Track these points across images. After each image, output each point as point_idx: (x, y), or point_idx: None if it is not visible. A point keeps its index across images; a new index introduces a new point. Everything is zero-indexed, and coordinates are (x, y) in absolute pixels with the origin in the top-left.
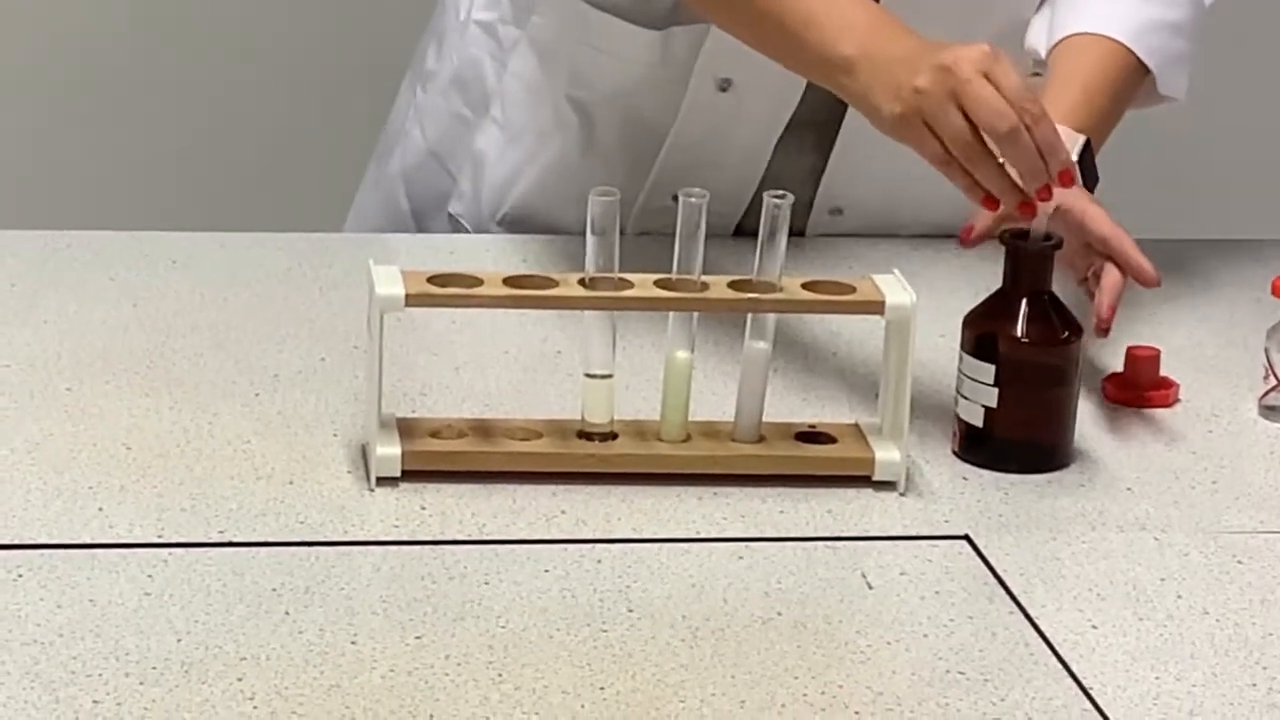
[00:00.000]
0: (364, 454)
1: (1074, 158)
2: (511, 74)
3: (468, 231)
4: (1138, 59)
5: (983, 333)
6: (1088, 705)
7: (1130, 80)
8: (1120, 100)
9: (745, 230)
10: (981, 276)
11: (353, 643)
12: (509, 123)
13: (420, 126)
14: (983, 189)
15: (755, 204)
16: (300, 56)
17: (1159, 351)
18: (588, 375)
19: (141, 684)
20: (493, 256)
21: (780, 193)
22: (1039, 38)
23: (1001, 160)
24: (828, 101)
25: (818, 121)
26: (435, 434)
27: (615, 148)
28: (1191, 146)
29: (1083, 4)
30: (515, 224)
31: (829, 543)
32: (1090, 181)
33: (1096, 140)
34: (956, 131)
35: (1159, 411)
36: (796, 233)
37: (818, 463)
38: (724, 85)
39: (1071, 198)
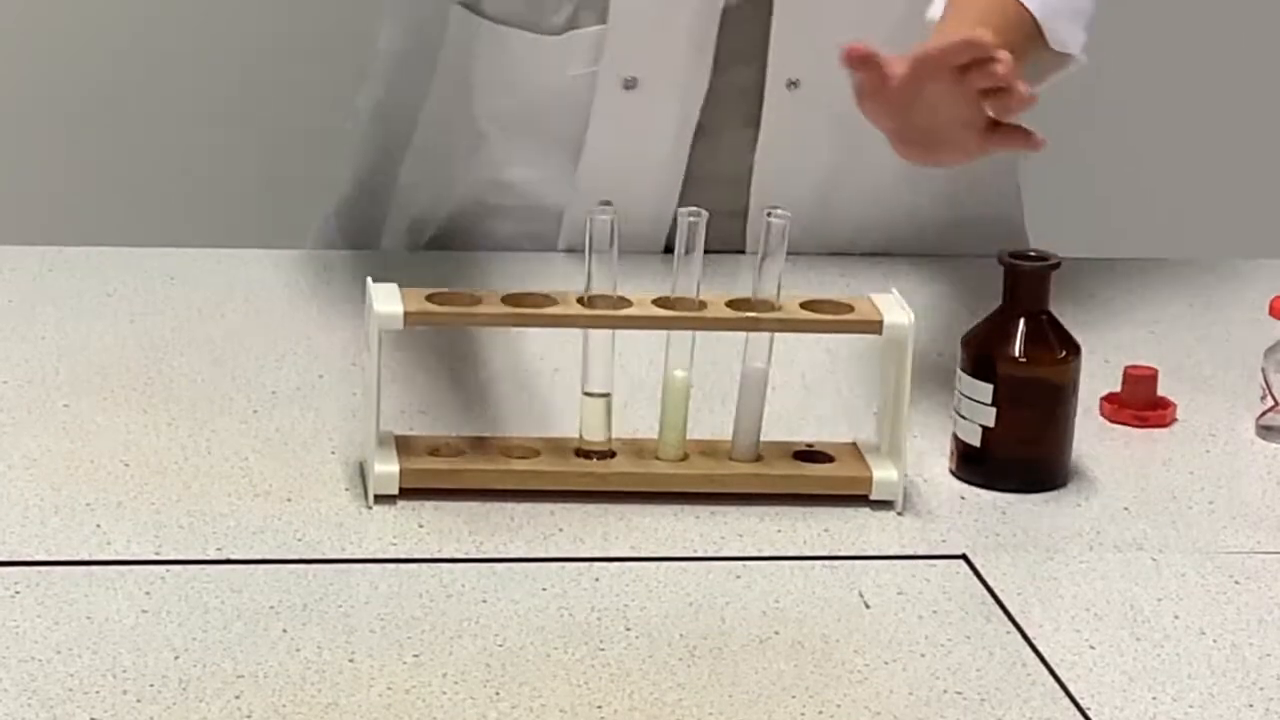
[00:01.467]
0: (362, 471)
1: None
2: (430, 100)
3: None
4: (1025, 10)
5: (980, 352)
6: None
7: (1020, 31)
8: (1010, 49)
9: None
10: (979, 296)
11: (350, 661)
12: (431, 149)
13: (350, 164)
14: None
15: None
16: (300, 71)
17: (1156, 371)
18: (586, 393)
19: (139, 701)
20: (491, 274)
21: (779, 210)
22: (936, 9)
23: None
24: (742, 100)
25: (734, 125)
26: (433, 452)
27: (536, 161)
28: (1190, 166)
29: None
30: (444, 245)
31: (826, 562)
32: None
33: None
34: None
35: (1156, 431)
36: (738, 247)
37: (815, 482)
38: (630, 84)
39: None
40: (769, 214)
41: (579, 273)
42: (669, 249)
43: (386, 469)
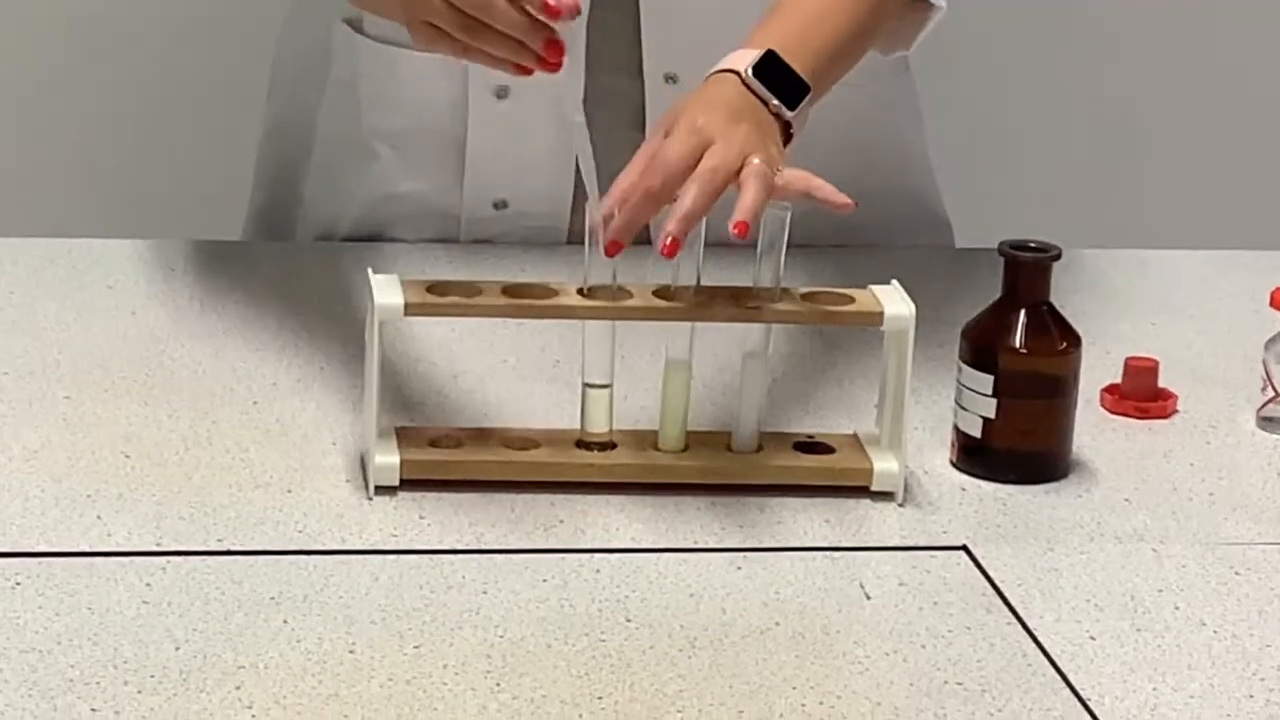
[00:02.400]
0: (362, 463)
1: (748, 70)
2: (322, 117)
3: None
4: None
5: (981, 343)
6: (1085, 716)
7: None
8: (864, 22)
9: (577, 237)
10: (980, 287)
11: (351, 652)
12: (327, 165)
13: (258, 176)
14: (504, 60)
15: (580, 208)
16: None
17: (1157, 362)
18: (586, 385)
19: (140, 692)
20: (492, 265)
21: (780, 204)
22: None
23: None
24: (624, 101)
25: (621, 125)
26: (434, 443)
27: (427, 174)
28: (1189, 158)
29: None
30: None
31: (827, 553)
32: (770, 77)
33: (799, 45)
34: (447, 19)
35: (1157, 423)
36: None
37: (816, 473)
38: (502, 93)
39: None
40: (772, 207)
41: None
42: (570, 242)
43: (387, 460)
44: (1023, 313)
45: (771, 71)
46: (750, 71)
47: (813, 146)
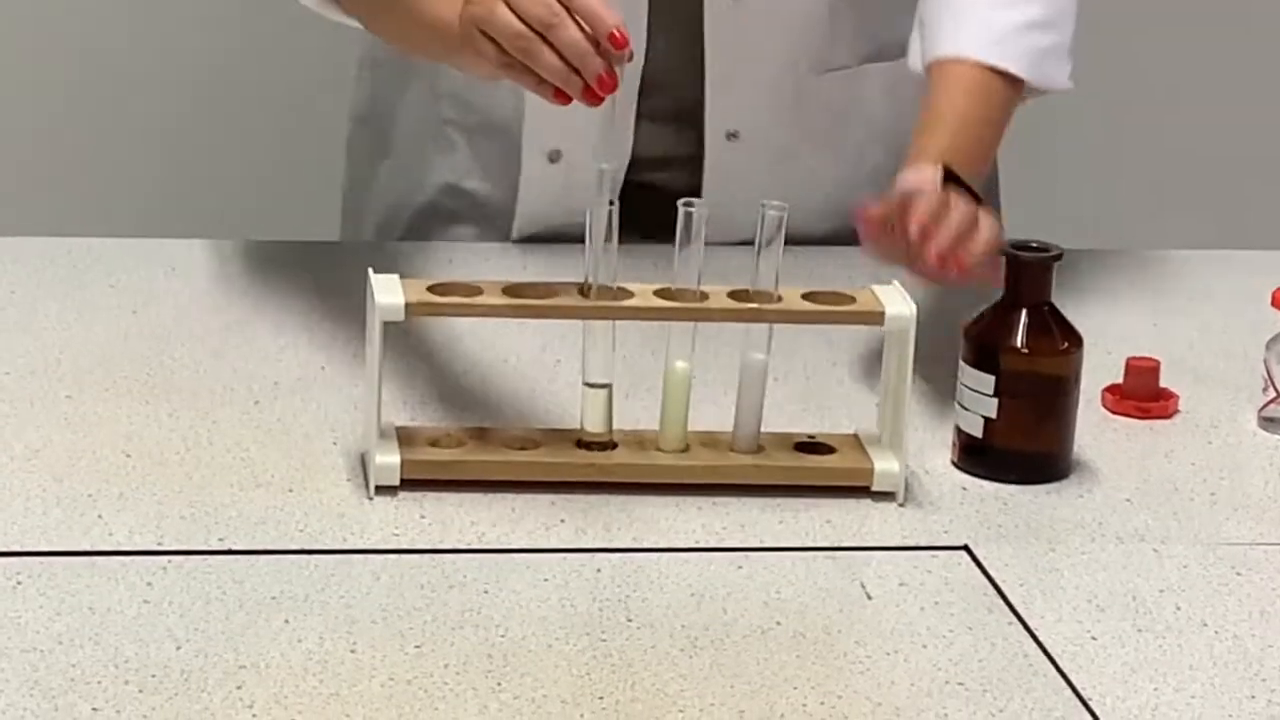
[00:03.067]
0: (363, 462)
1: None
2: (402, 106)
3: None
4: (1006, 73)
5: (983, 343)
6: (1086, 716)
7: (1001, 95)
8: (994, 120)
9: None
10: (981, 287)
11: (352, 651)
12: (405, 152)
13: (346, 163)
14: (549, 84)
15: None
16: (302, 63)
17: (1158, 362)
18: (587, 384)
19: (140, 691)
20: (493, 265)
21: (776, 204)
22: (915, 60)
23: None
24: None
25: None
26: (434, 443)
27: (492, 171)
28: (1191, 158)
29: (939, 22)
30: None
31: (828, 553)
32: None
33: (971, 164)
34: (505, 26)
35: (1158, 423)
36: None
37: (817, 473)
38: (554, 157)
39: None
40: (766, 206)
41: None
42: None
43: (388, 460)
44: (1024, 313)
45: (951, 183)
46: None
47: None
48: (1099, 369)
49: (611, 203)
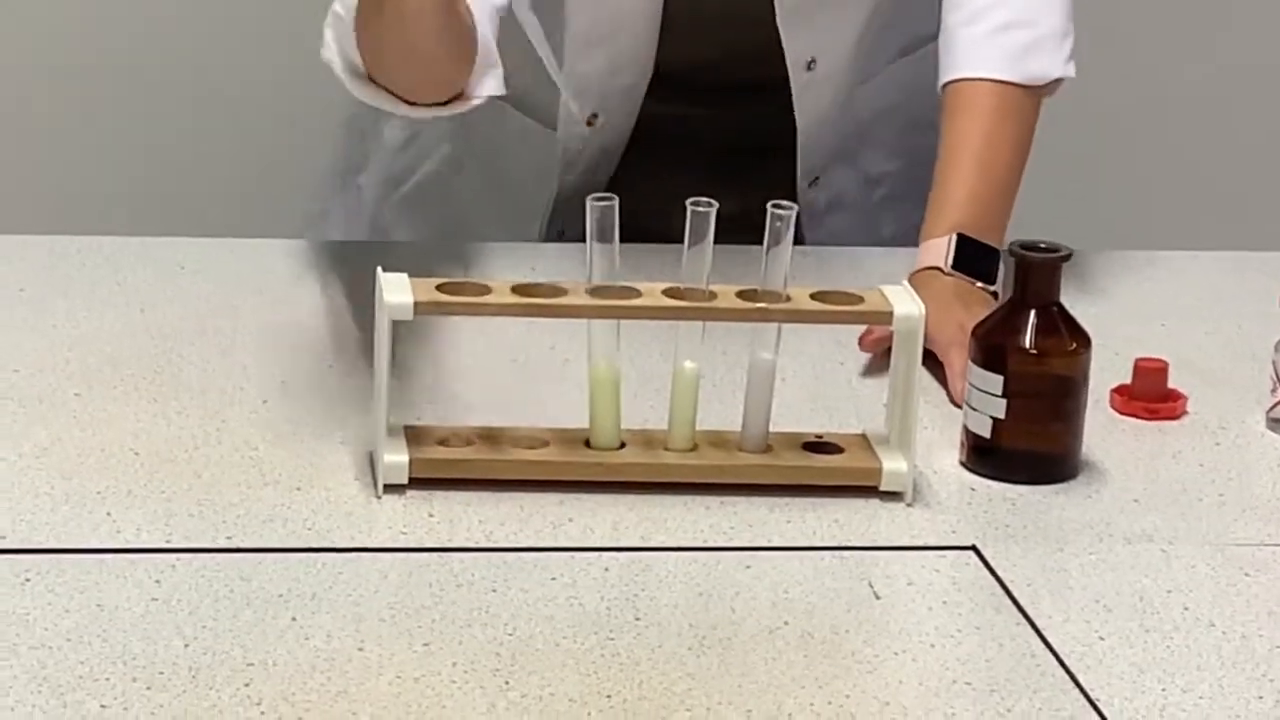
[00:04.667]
0: (371, 461)
1: (949, 263)
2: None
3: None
4: (1025, 87)
5: (991, 344)
6: (1094, 716)
7: (1023, 106)
8: (1020, 139)
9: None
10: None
11: (360, 649)
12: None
13: None
14: None
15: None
16: (313, 61)
17: (1167, 364)
18: (593, 373)
19: (148, 689)
20: (501, 264)
21: (785, 203)
22: (943, 74)
23: None
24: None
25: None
26: (443, 442)
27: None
28: (1201, 159)
29: (958, 42)
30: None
31: (836, 552)
32: (967, 263)
33: (994, 205)
34: None
35: (1167, 423)
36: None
37: (825, 473)
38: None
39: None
40: (774, 206)
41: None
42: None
43: (396, 459)
44: (1033, 313)
45: (966, 253)
46: (950, 266)
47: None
48: (1107, 370)
49: (610, 199)
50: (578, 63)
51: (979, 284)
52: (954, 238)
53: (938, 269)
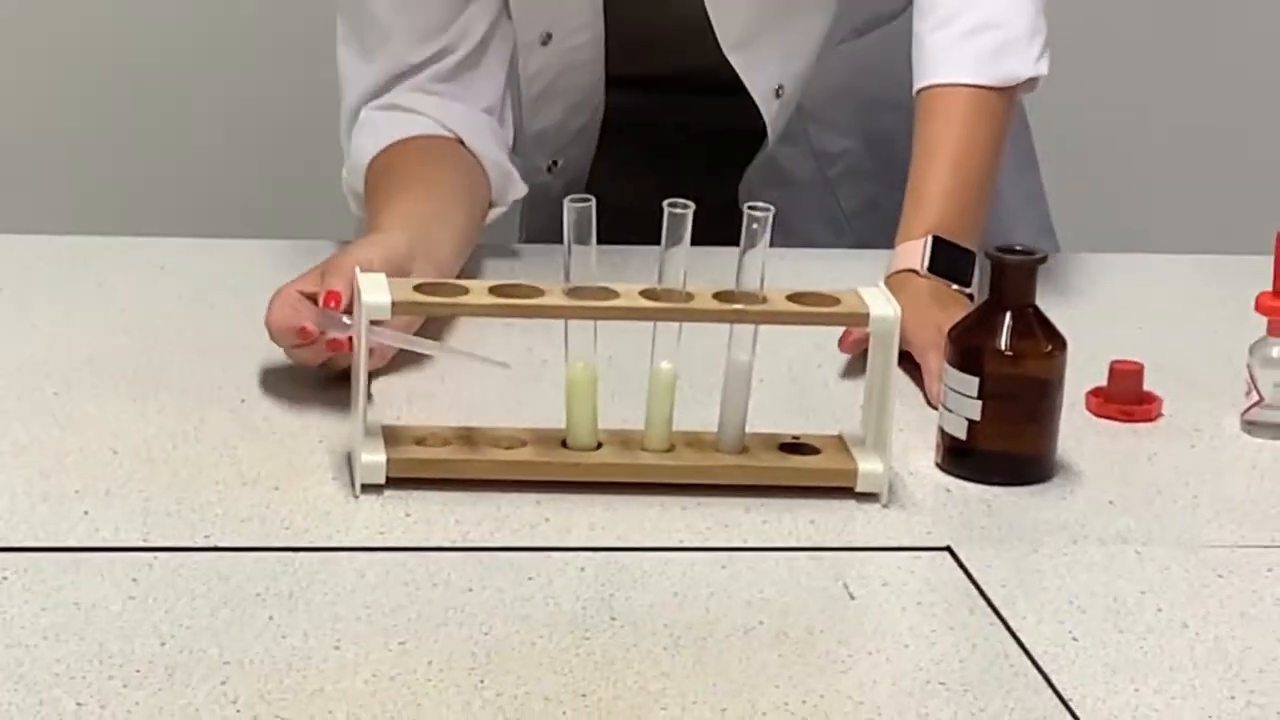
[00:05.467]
0: (349, 461)
1: (925, 266)
2: None
3: None
4: (998, 89)
5: (967, 345)
6: (1067, 717)
7: (997, 108)
8: (994, 142)
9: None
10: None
11: (336, 648)
12: None
13: None
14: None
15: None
16: (292, 60)
17: (1142, 366)
18: (570, 374)
19: (125, 686)
20: (480, 265)
21: (761, 205)
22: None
23: None
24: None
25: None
26: (420, 441)
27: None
28: (1178, 162)
29: (928, 48)
30: None
31: (811, 553)
32: (943, 266)
33: (970, 207)
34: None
35: (1142, 426)
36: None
37: (801, 474)
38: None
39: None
40: (750, 208)
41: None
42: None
43: (373, 458)
44: (1008, 315)
45: (941, 255)
46: (926, 269)
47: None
48: (1083, 372)
49: (586, 200)
50: (534, 121)
51: (955, 286)
52: (929, 240)
53: (914, 271)
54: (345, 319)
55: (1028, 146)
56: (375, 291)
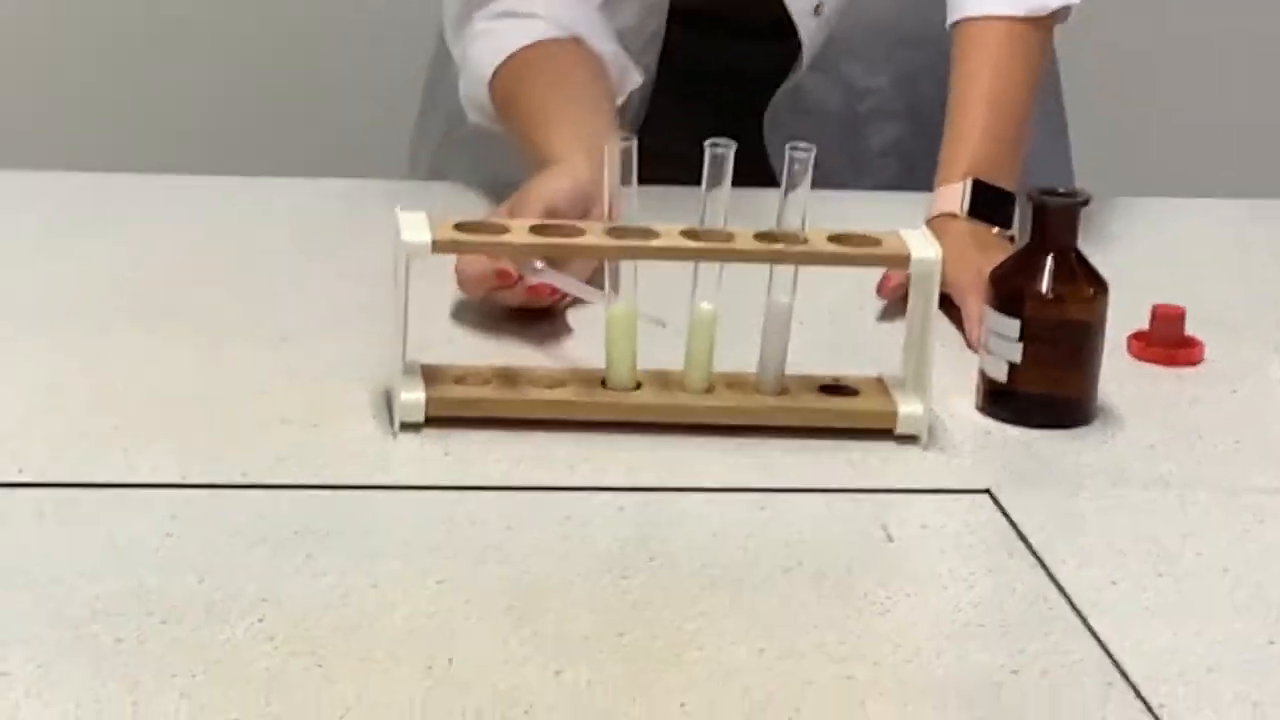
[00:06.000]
0: (388, 400)
1: (965, 210)
2: None
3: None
4: (1032, 20)
5: (1009, 288)
6: (1106, 660)
7: (1031, 41)
8: (1030, 76)
9: None
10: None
11: (373, 586)
12: None
13: None
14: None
15: None
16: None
17: (1184, 310)
18: (610, 314)
19: (163, 623)
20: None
21: (803, 144)
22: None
23: None
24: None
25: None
26: (459, 380)
27: None
28: (1223, 104)
29: None
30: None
31: (850, 494)
32: (983, 209)
33: (1008, 145)
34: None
35: (1184, 370)
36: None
37: (840, 415)
38: None
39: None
40: (792, 148)
41: None
42: None
43: (412, 397)
44: (1050, 258)
45: (981, 198)
46: (966, 214)
47: None
48: (1125, 315)
49: (630, 140)
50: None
51: (995, 230)
52: (969, 184)
53: (953, 215)
54: (538, 264)
55: (1055, 87)
56: (416, 231)
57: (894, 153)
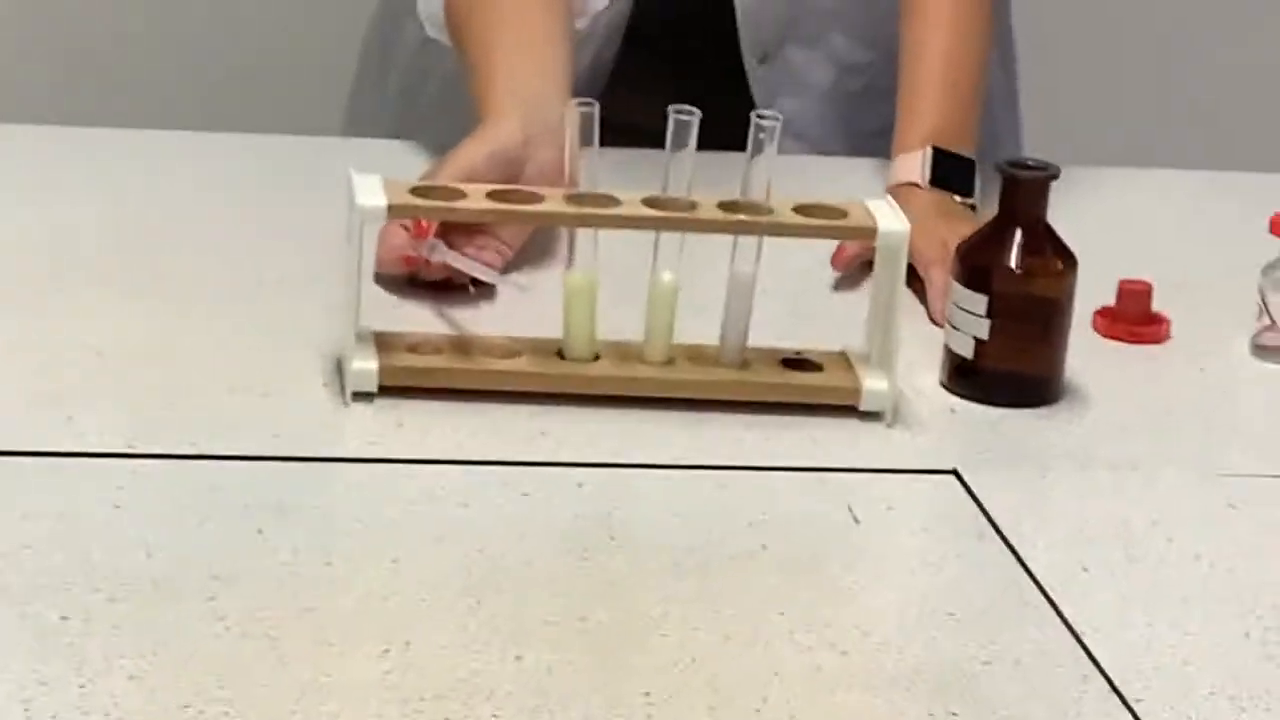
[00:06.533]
0: (339, 367)
1: (926, 179)
2: None
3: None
4: None
5: (976, 263)
6: (1079, 650)
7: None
8: (983, 35)
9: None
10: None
11: (328, 564)
12: None
13: None
14: None
15: None
16: None
17: (1150, 286)
18: (568, 282)
19: (110, 600)
20: None
21: (770, 113)
22: None
23: None
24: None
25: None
26: (412, 349)
27: None
28: (1194, 77)
29: None
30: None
31: (815, 473)
32: (944, 177)
33: (964, 109)
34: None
35: (1150, 347)
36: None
37: (803, 390)
38: None
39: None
40: (758, 115)
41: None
42: None
43: (365, 365)
44: (1019, 232)
45: (941, 166)
46: (928, 183)
47: None
48: (1091, 290)
49: (589, 104)
50: None
51: (957, 198)
52: (929, 151)
53: (914, 184)
54: (436, 241)
55: (1006, 58)
56: (370, 194)
57: (888, 134)
